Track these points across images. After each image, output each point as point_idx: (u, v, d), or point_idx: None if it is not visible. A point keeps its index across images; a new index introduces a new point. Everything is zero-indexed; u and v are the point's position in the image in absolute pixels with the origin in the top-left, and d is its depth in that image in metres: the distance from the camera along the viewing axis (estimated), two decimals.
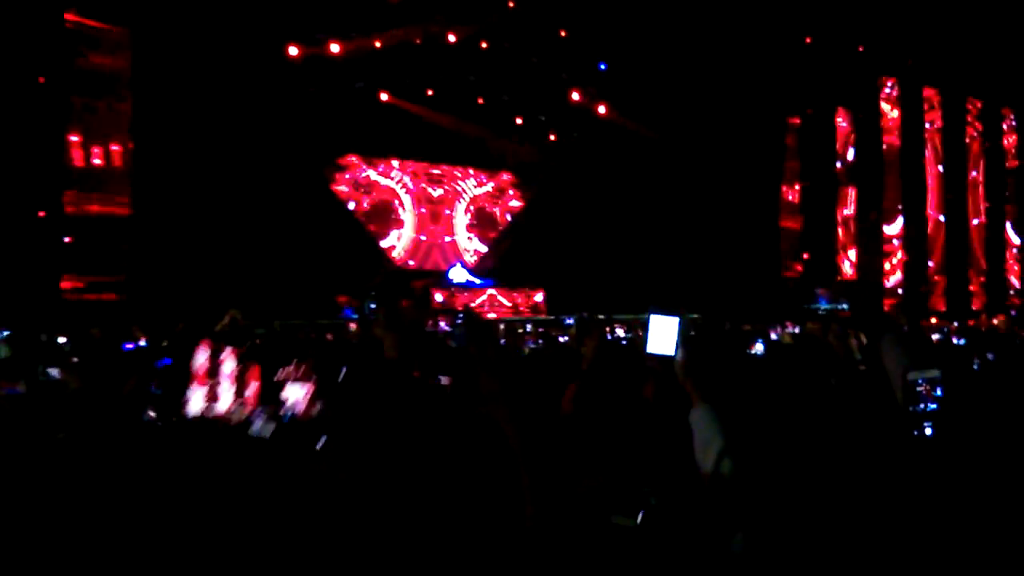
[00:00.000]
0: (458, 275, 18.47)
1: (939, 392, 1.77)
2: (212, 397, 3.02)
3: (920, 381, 1.75)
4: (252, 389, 3.06)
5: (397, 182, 18.81)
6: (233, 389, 3.03)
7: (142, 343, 8.99)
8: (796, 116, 18.73)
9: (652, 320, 1.94)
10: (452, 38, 15.73)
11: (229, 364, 3.09)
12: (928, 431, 1.72)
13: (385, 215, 18.57)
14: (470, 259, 19.50)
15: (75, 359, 4.37)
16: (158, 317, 9.76)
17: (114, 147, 13.18)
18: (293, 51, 14.44)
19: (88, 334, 8.76)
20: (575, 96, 17.38)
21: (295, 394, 2.80)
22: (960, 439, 1.80)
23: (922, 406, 1.74)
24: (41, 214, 12.33)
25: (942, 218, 19.59)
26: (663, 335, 1.99)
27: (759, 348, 4.71)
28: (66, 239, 12.53)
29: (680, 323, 1.94)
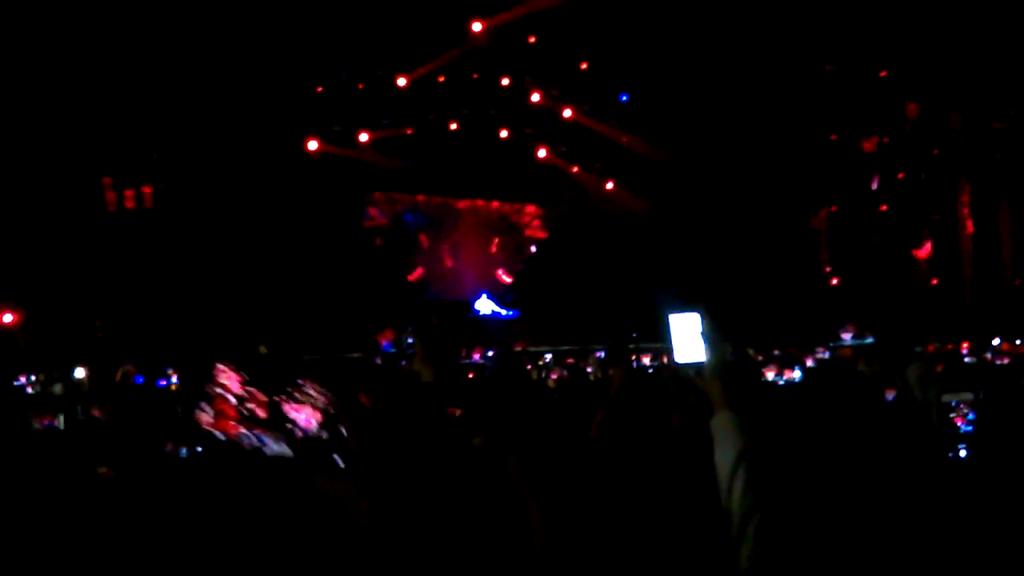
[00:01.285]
0: (484, 306, 18.49)
1: (973, 415, 1.76)
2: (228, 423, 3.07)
3: (954, 403, 1.74)
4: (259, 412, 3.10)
5: (422, 216, 18.98)
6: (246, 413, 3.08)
7: (174, 379, 9.16)
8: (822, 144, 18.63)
9: (673, 322, 1.90)
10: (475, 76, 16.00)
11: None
12: (963, 453, 1.71)
13: (409, 248, 18.71)
14: (495, 290, 19.53)
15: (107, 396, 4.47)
16: (190, 353, 9.91)
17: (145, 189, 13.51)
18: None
19: (124, 371, 8.92)
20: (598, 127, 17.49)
21: (302, 416, 2.84)
22: (996, 460, 1.78)
23: (956, 428, 1.72)
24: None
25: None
26: (689, 338, 1.93)
27: (796, 375, 4.67)
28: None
29: (702, 318, 1.91)
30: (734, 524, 1.73)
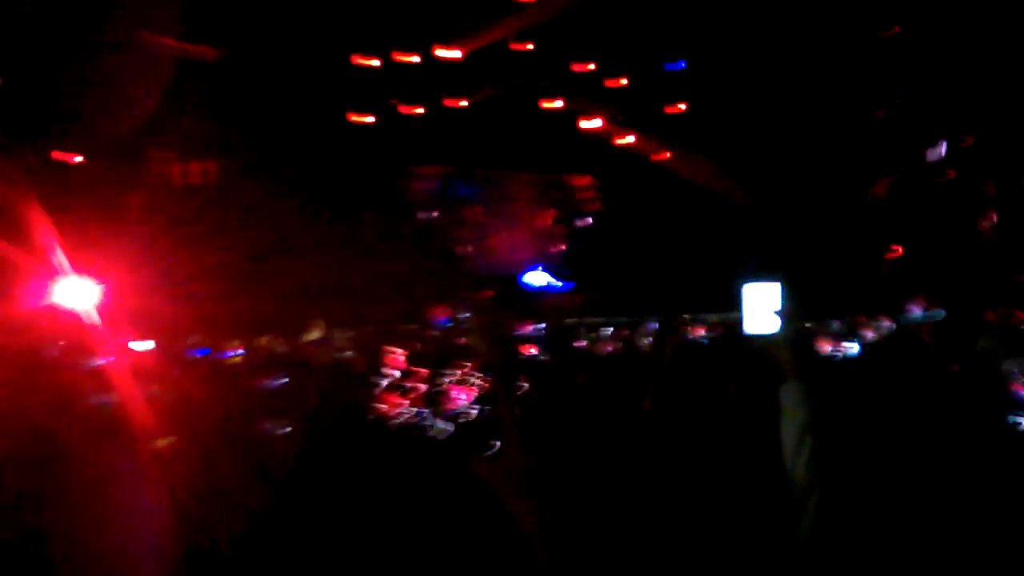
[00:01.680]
0: (538, 279, 18.45)
1: None
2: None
3: (1016, 373, 1.68)
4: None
5: (472, 187, 18.96)
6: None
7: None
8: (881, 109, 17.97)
9: (747, 292, 1.87)
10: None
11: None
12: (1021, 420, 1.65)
13: (460, 222, 18.73)
14: (549, 262, 19.45)
15: None
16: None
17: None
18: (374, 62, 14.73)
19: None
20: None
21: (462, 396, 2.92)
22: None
23: (1017, 394, 1.66)
24: None
25: None
26: (761, 309, 1.91)
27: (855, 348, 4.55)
28: None
29: (783, 289, 1.87)
30: (796, 494, 1.72)
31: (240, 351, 8.09)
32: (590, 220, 19.93)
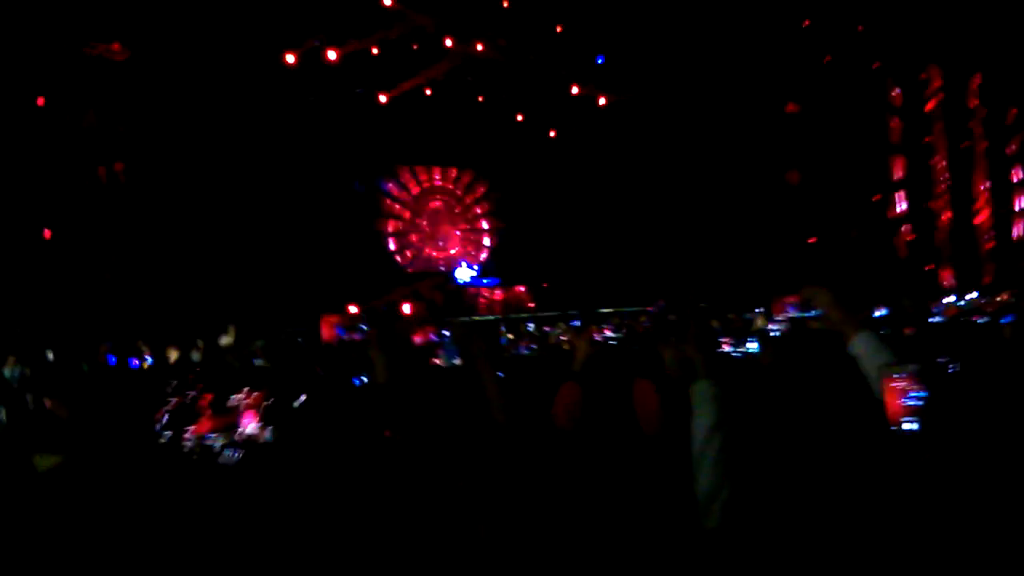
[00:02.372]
0: (464, 274, 18.42)
1: (921, 388, 1.73)
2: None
3: (897, 376, 1.71)
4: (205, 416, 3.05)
5: (396, 185, 18.82)
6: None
7: (148, 360, 8.92)
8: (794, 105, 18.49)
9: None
10: (449, 43, 15.76)
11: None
12: (912, 426, 1.67)
13: (387, 219, 18.58)
14: (474, 258, 19.45)
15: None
16: (159, 329, 9.75)
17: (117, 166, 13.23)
18: (290, 59, 14.42)
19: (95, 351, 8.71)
20: (575, 90, 17.30)
21: (248, 421, 2.80)
22: (952, 433, 1.75)
23: (903, 400, 1.69)
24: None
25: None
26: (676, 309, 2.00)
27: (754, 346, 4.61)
28: None
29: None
30: (702, 492, 1.73)
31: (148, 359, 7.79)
32: (508, 218, 20.03)
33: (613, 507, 2.09)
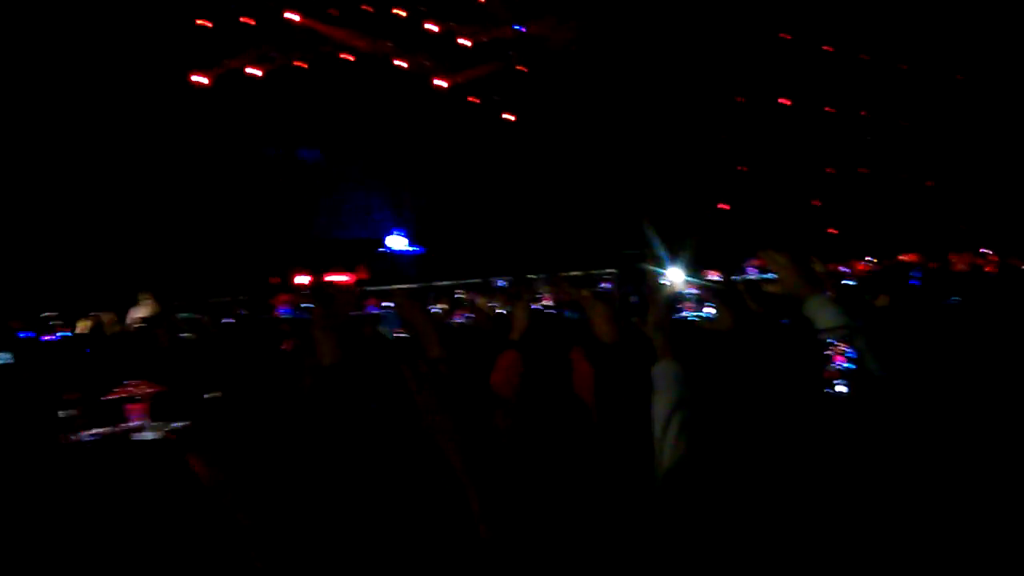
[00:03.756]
0: (397, 243, 18.11)
1: (851, 348, 1.81)
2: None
3: (829, 339, 1.79)
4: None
5: (320, 151, 18.35)
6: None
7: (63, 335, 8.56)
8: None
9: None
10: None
11: None
12: (841, 388, 1.76)
13: (310, 185, 18.12)
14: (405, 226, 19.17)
15: None
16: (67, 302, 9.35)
17: None
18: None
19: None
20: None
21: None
22: (881, 397, 1.82)
23: (834, 364, 1.77)
24: None
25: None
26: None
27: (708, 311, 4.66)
28: None
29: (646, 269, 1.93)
30: (661, 469, 1.75)
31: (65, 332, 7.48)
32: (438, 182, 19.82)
33: (561, 476, 2.11)
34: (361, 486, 1.82)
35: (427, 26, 16.40)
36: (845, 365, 1.77)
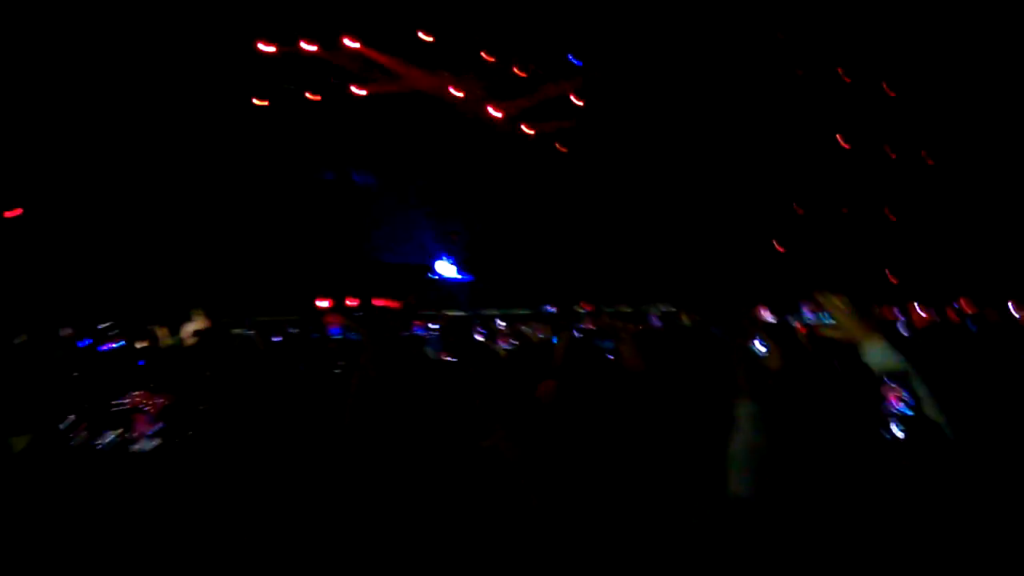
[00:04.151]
0: (445, 269, 18.20)
1: (909, 392, 1.74)
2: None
3: (886, 380, 1.72)
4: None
5: (373, 176, 18.62)
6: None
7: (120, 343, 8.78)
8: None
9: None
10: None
11: None
12: (897, 432, 1.69)
13: (361, 210, 18.37)
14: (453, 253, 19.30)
15: None
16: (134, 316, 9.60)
17: None
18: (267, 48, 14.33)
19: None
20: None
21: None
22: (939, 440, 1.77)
23: (891, 407, 1.71)
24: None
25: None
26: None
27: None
28: None
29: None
30: (735, 508, 1.76)
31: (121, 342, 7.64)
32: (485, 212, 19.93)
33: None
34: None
35: (483, 56, 16.59)
36: (902, 408, 1.69)
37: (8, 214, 11.90)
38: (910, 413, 1.67)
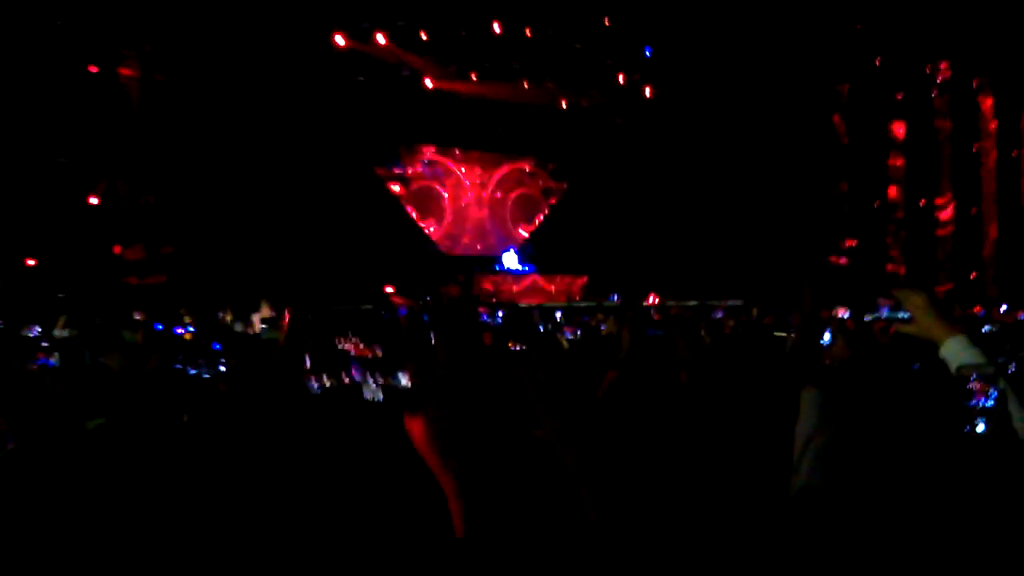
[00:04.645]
0: (511, 261, 18.26)
1: (995, 389, 1.68)
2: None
3: (973, 376, 1.66)
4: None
5: (440, 168, 18.79)
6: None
7: (190, 328, 9.13)
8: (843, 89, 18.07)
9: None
10: (497, 27, 15.74)
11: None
12: (980, 428, 1.62)
13: (427, 201, 18.56)
14: (518, 244, 19.34)
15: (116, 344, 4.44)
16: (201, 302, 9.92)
17: None
18: (339, 40, 14.57)
19: (133, 319, 8.92)
20: (621, 79, 17.21)
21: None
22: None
23: (975, 402, 1.64)
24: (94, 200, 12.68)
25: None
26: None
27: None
28: None
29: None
30: (796, 499, 1.73)
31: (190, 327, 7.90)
32: (553, 201, 19.92)
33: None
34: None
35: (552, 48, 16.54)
36: (986, 403, 1.62)
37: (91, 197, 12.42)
38: (994, 406, 1.60)
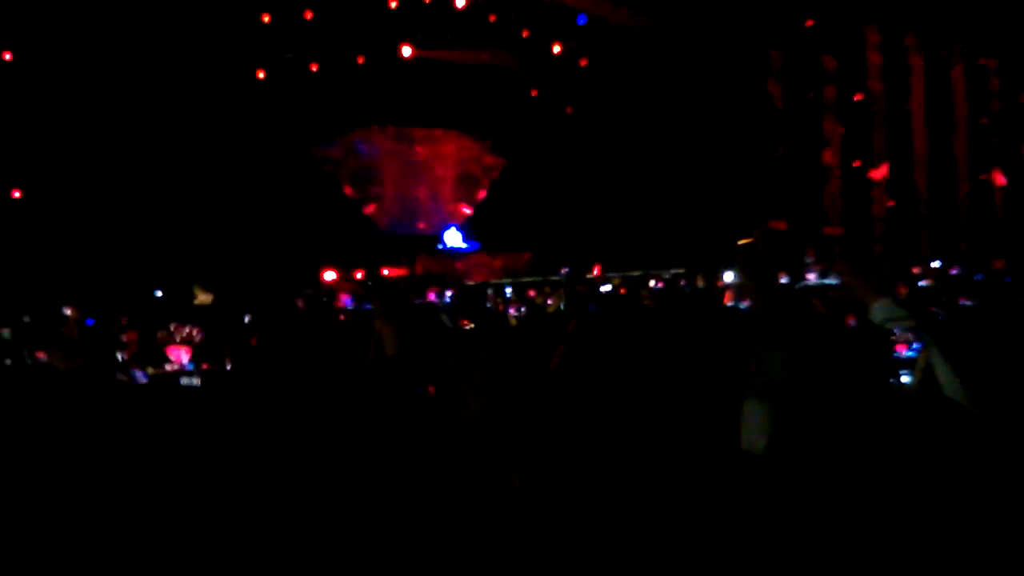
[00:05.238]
0: (453, 239, 18.18)
1: (917, 342, 1.79)
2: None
3: (895, 331, 1.76)
4: None
5: (378, 146, 18.54)
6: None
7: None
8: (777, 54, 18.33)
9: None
10: None
11: None
12: (905, 379, 1.73)
13: (366, 180, 18.32)
14: (461, 222, 19.25)
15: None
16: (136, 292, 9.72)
17: None
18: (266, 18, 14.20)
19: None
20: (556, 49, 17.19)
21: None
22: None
23: (898, 354, 1.75)
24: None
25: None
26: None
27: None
28: None
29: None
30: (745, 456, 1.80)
31: None
32: (494, 177, 19.82)
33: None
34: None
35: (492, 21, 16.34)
36: (908, 354, 1.74)
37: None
38: (915, 356, 1.71)
